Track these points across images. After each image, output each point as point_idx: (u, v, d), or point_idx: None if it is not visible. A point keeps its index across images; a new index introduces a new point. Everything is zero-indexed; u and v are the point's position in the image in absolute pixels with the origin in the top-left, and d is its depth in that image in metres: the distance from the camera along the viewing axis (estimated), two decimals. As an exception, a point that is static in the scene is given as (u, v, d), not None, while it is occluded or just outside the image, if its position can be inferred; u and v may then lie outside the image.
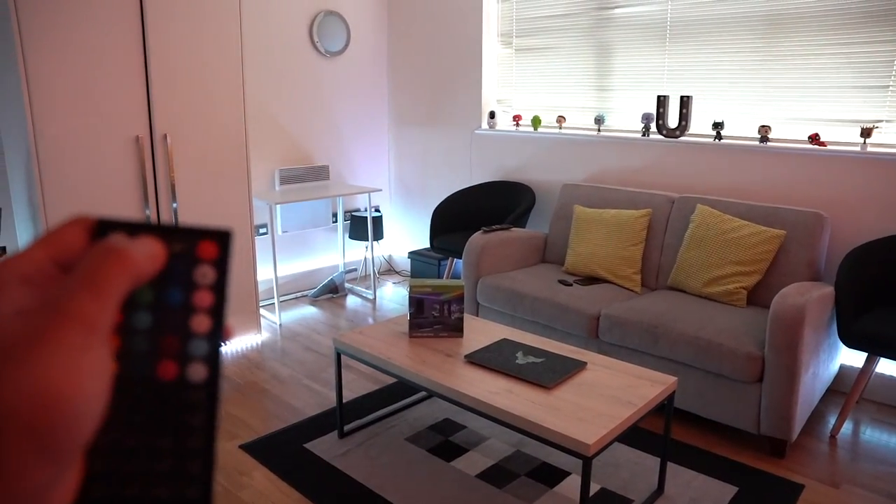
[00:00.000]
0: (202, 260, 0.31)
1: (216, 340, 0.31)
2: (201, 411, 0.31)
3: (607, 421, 2.00)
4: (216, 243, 0.31)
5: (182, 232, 0.31)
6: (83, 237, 0.30)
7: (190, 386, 0.31)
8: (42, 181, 2.92)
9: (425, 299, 2.63)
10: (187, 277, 0.31)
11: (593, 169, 4.04)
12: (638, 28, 3.80)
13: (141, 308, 0.31)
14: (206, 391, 0.31)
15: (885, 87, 3.03)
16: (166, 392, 0.30)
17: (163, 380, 0.30)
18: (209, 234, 0.31)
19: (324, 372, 3.42)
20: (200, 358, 0.31)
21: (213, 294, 0.31)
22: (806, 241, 3.00)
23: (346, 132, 4.92)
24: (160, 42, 3.19)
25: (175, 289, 0.31)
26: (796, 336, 2.47)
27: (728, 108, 3.54)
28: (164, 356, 0.30)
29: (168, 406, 0.30)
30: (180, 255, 0.31)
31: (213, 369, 0.31)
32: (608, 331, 2.99)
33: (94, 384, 0.26)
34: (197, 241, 0.31)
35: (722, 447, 2.71)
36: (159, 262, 0.30)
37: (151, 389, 0.30)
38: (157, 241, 0.31)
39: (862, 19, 3.05)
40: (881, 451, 2.70)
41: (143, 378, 0.30)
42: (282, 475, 2.49)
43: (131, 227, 0.31)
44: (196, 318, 0.31)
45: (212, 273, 0.31)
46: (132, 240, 0.30)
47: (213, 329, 0.31)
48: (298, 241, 4.71)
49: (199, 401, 0.31)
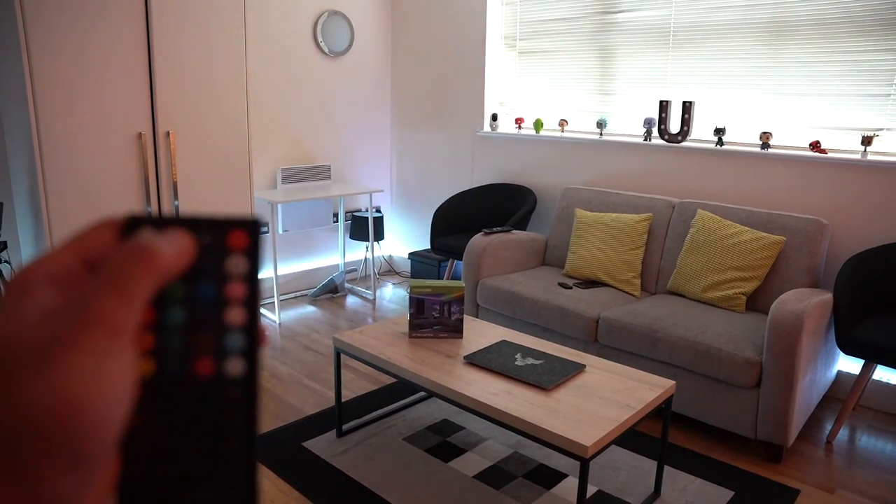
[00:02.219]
0: (233, 250, 0.30)
1: (253, 333, 0.30)
2: (240, 409, 0.30)
3: (605, 423, 2.01)
4: (246, 232, 0.30)
5: (211, 223, 0.30)
6: (112, 237, 0.29)
7: (228, 382, 0.30)
8: (45, 177, 2.93)
9: (425, 300, 2.64)
10: (219, 269, 0.30)
11: (595, 173, 4.05)
12: (641, 33, 3.81)
13: (174, 304, 0.30)
14: (244, 387, 0.30)
15: (887, 96, 3.05)
16: (203, 390, 0.29)
17: (200, 377, 0.29)
18: (238, 224, 0.30)
19: (323, 371, 3.43)
20: (237, 352, 0.30)
21: (247, 285, 0.30)
22: (805, 248, 3.01)
23: (348, 132, 4.93)
24: (164, 39, 3.20)
25: (207, 282, 0.30)
26: (794, 342, 2.48)
27: (730, 114, 3.55)
28: (200, 352, 0.30)
29: (206, 405, 0.29)
30: (210, 247, 0.30)
31: (252, 363, 0.30)
32: (607, 334, 3.00)
33: (118, 389, 0.26)
34: (227, 231, 0.30)
35: (719, 451, 2.72)
36: (188, 256, 0.30)
37: (188, 388, 0.29)
38: (186, 235, 0.30)
39: (864, 28, 3.06)
40: (877, 458, 2.71)
41: (180, 377, 0.29)
42: (280, 474, 2.50)
43: (160, 221, 0.30)
44: (231, 310, 0.30)
45: (244, 263, 0.30)
46: (160, 235, 0.29)
47: (249, 321, 0.30)
48: (299, 241, 4.72)
49: (237, 398, 0.30)
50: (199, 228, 0.30)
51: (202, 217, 0.30)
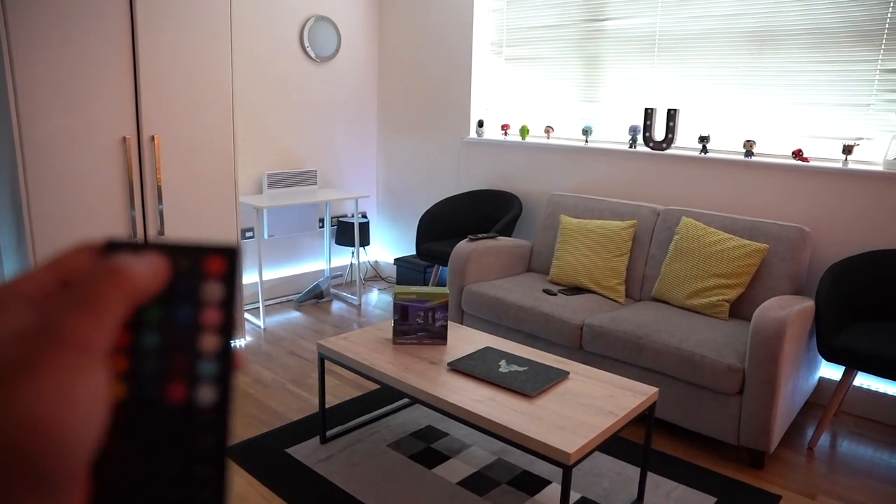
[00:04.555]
0: (210, 276, 0.30)
1: (226, 360, 0.30)
2: (212, 434, 0.29)
3: (588, 430, 2.01)
4: (224, 259, 0.31)
5: (189, 249, 0.30)
6: (90, 260, 0.29)
7: (200, 407, 0.30)
8: (27, 180, 2.90)
9: (410, 306, 2.64)
10: (195, 295, 0.30)
11: (580, 179, 4.07)
12: (627, 41, 3.84)
13: (149, 328, 0.30)
14: (216, 413, 0.30)
15: (867, 105, 3.08)
16: (175, 415, 0.29)
17: (173, 402, 0.29)
18: (216, 251, 0.31)
19: (307, 377, 3.41)
20: (210, 379, 0.30)
21: (222, 312, 0.30)
22: (788, 255, 3.04)
23: (334, 137, 4.92)
24: (150, 43, 3.18)
25: (183, 307, 0.30)
26: (776, 349, 2.50)
27: (714, 122, 3.58)
28: (173, 377, 0.30)
29: (178, 429, 0.29)
30: (187, 272, 0.30)
31: (224, 391, 0.30)
32: (591, 341, 3.01)
33: (87, 409, 0.25)
34: (204, 257, 0.30)
35: (702, 458, 2.73)
36: (161, 279, 0.29)
37: (160, 413, 0.29)
38: (160, 258, 0.30)
39: (846, 39, 3.10)
40: (858, 463, 2.73)
41: (153, 400, 0.29)
42: (263, 479, 2.48)
43: (138, 246, 0.30)
44: (204, 336, 0.30)
45: (220, 290, 0.30)
46: (134, 258, 0.29)
47: (223, 348, 0.30)
48: (284, 246, 4.70)
49: (208, 424, 0.29)
50: (178, 253, 0.30)
51: (181, 243, 0.30)
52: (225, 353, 0.30)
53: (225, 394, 0.30)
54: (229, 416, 0.30)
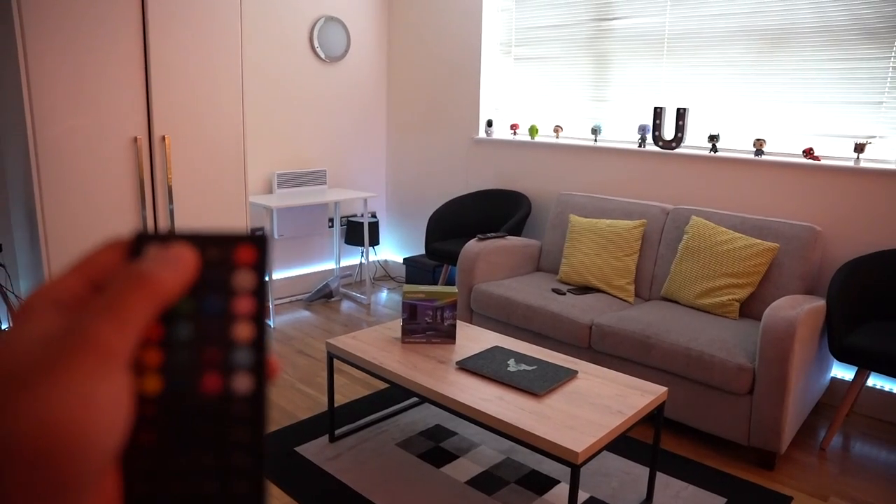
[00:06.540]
0: (240, 265, 0.30)
1: (261, 348, 0.30)
2: (248, 425, 0.29)
3: (596, 430, 2.00)
4: (253, 247, 0.31)
5: (219, 238, 0.30)
6: (119, 257, 0.30)
7: (236, 398, 0.29)
8: (40, 180, 2.92)
9: (419, 305, 2.64)
10: (226, 284, 0.30)
11: (589, 179, 4.06)
12: (636, 40, 3.83)
13: (181, 319, 0.30)
14: (252, 403, 0.29)
15: (879, 104, 3.06)
16: (211, 407, 0.29)
17: (208, 393, 0.29)
18: (246, 239, 0.31)
19: (316, 376, 3.42)
20: (245, 367, 0.30)
21: (254, 299, 0.30)
22: (799, 255, 3.02)
23: (344, 137, 4.93)
24: (161, 43, 3.20)
25: (215, 297, 0.30)
26: (787, 349, 2.48)
27: (724, 121, 3.57)
28: (208, 368, 0.29)
29: (214, 421, 0.29)
30: (218, 262, 0.30)
31: (259, 380, 0.30)
32: (600, 340, 3.00)
33: (109, 413, 0.25)
34: (234, 246, 0.30)
35: (711, 458, 2.71)
36: (190, 274, 0.29)
37: (196, 405, 0.29)
38: (189, 250, 0.30)
39: (856, 36, 3.08)
40: (870, 465, 2.71)
41: (188, 393, 0.29)
42: (272, 478, 2.49)
43: (167, 237, 0.30)
44: (238, 325, 0.30)
45: (251, 278, 0.30)
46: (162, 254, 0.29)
47: (257, 336, 0.30)
48: (294, 246, 4.72)
49: (245, 414, 0.29)
50: (207, 243, 0.30)
51: (210, 232, 0.30)
52: (259, 342, 0.30)
53: (260, 383, 0.30)
54: (265, 406, 0.30)
